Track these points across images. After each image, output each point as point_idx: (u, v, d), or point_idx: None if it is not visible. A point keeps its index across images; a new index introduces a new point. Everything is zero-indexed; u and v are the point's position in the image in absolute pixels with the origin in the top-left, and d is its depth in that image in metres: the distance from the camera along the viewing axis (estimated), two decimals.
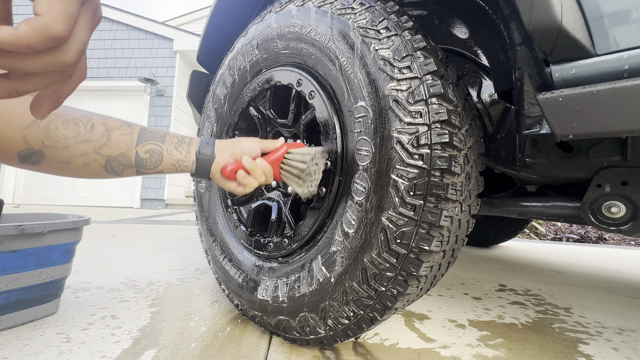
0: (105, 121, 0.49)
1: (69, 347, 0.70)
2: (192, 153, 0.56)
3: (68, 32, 0.21)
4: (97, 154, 0.48)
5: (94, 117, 0.49)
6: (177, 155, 0.54)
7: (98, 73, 5.82)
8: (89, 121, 0.47)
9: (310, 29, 0.72)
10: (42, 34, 0.20)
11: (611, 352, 0.79)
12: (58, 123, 0.45)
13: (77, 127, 0.46)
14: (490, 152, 0.71)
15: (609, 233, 2.26)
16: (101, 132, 0.48)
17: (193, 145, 0.57)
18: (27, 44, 0.20)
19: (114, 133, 0.49)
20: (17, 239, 0.74)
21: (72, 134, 0.46)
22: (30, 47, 0.20)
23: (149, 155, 0.52)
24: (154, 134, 0.53)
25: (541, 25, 0.46)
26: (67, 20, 0.21)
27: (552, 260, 2.06)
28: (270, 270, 0.78)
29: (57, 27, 0.20)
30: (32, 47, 0.20)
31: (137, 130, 0.52)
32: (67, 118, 0.46)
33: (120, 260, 1.51)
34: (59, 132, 0.45)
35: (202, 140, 0.58)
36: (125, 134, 0.50)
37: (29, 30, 0.19)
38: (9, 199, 5.73)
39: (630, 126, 0.42)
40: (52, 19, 0.20)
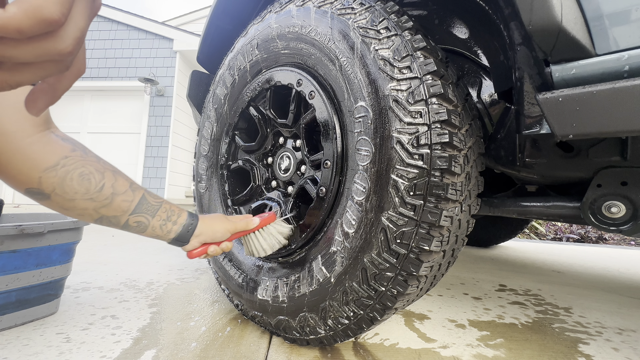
0: (114, 183, 0.53)
1: (69, 347, 0.70)
2: (172, 233, 0.60)
3: (63, 16, 0.19)
4: (95, 211, 0.52)
5: (106, 175, 0.52)
6: (158, 232, 0.59)
7: (98, 73, 5.82)
8: (100, 180, 0.51)
9: (310, 29, 0.72)
10: (33, 16, 0.18)
11: (611, 352, 0.79)
12: (74, 175, 0.48)
13: (89, 184, 0.50)
14: (490, 152, 0.71)
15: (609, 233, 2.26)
16: (107, 194, 0.52)
17: (176, 226, 0.61)
18: (17, 27, 0.18)
19: (118, 198, 0.53)
20: (17, 239, 0.74)
21: (82, 190, 0.49)
22: (20, 31, 0.18)
23: (136, 225, 0.56)
24: (149, 206, 0.57)
25: (541, 25, 0.46)
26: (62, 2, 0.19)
27: (552, 260, 2.06)
28: (270, 270, 0.78)
29: (50, 9, 0.18)
30: (22, 31, 0.18)
31: (137, 198, 0.55)
32: (83, 172, 0.49)
33: (120, 260, 1.51)
34: (72, 186, 0.48)
35: (186, 224, 0.61)
36: (126, 201, 0.54)
37: (19, 12, 0.18)
38: (9, 199, 5.73)
39: (630, 126, 0.42)
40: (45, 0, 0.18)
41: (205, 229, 0.64)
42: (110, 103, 5.89)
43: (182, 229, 0.61)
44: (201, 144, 1.02)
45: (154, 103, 5.73)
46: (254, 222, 0.69)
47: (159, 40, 5.85)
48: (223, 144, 0.94)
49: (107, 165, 0.53)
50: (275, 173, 0.88)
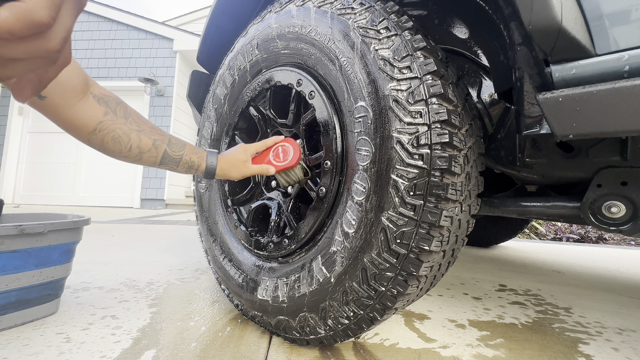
0: (139, 143, 0.64)
1: (69, 347, 0.70)
2: (199, 172, 0.74)
3: (52, 19, 0.20)
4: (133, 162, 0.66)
5: (132, 137, 0.63)
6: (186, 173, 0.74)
7: (98, 73, 5.82)
8: (128, 142, 0.62)
9: (310, 29, 0.72)
10: (24, 20, 0.19)
11: (611, 352, 0.79)
12: (109, 139, 0.61)
13: (120, 146, 0.62)
14: (490, 152, 0.71)
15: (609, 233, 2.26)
16: (136, 153, 0.64)
17: (199, 171, 0.74)
18: (8, 30, 0.19)
19: (144, 155, 0.65)
20: (17, 239, 0.74)
21: (117, 150, 0.62)
22: (12, 33, 0.19)
23: (167, 169, 0.71)
24: (171, 159, 0.69)
25: (541, 25, 0.46)
26: (51, 6, 0.20)
27: (552, 260, 2.06)
28: (270, 270, 0.78)
29: (40, 14, 0.20)
30: (14, 33, 0.19)
31: (161, 153, 0.67)
32: (114, 136, 0.61)
33: (120, 260, 1.51)
34: (109, 147, 0.61)
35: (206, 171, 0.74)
36: (152, 157, 0.66)
37: (10, 16, 0.19)
38: (9, 199, 5.73)
39: (630, 126, 0.42)
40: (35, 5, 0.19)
41: (221, 172, 0.76)
42: None
43: (204, 173, 0.74)
44: (201, 144, 1.02)
45: (154, 103, 5.73)
46: (269, 172, 0.76)
47: (159, 40, 5.86)
48: (223, 144, 0.94)
49: (133, 125, 0.63)
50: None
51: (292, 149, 0.75)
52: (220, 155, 0.76)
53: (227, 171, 0.75)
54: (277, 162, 0.75)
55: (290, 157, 0.74)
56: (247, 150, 0.77)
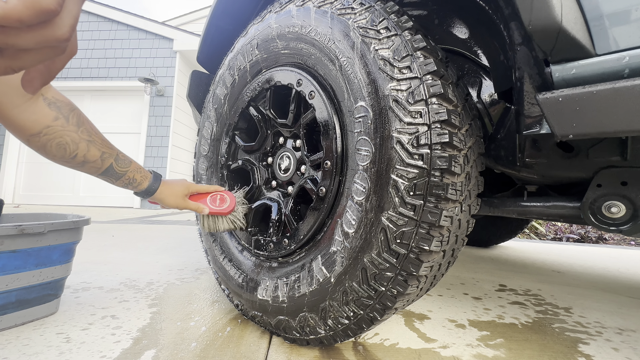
0: (86, 153, 0.63)
1: (69, 347, 0.70)
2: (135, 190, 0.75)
3: (59, 6, 0.21)
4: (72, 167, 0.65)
5: (80, 146, 0.61)
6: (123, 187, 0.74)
7: (98, 73, 5.82)
8: (74, 150, 0.61)
9: (310, 29, 0.72)
10: (32, 7, 0.19)
11: (611, 352, 0.79)
12: (53, 144, 0.59)
13: (64, 152, 0.60)
14: (490, 152, 0.71)
15: (609, 233, 2.26)
16: (79, 161, 0.63)
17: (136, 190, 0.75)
18: (17, 17, 0.19)
19: (87, 165, 0.64)
20: (17, 239, 0.74)
21: (59, 155, 0.60)
22: (21, 21, 0.19)
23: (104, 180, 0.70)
24: (114, 173, 0.69)
25: (541, 25, 0.46)
26: None
27: (552, 260, 2.06)
28: (270, 270, 0.78)
29: (47, 1, 0.20)
30: (23, 21, 0.20)
31: (105, 166, 0.67)
32: (60, 142, 0.59)
33: (120, 260, 1.51)
34: (51, 151, 0.59)
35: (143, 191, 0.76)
36: (94, 167, 0.66)
37: (19, 3, 0.19)
38: (9, 199, 5.73)
39: (630, 126, 0.42)
40: None
41: (158, 196, 0.78)
42: (111, 103, 5.89)
43: (140, 192, 0.76)
44: (201, 144, 1.02)
45: (154, 103, 5.73)
46: (203, 211, 0.81)
47: (159, 40, 5.85)
48: (223, 144, 0.94)
49: (84, 135, 0.62)
50: (275, 173, 0.88)
51: (229, 200, 0.83)
52: (164, 181, 0.79)
53: (165, 197, 0.78)
54: (213, 206, 0.82)
55: (225, 206, 0.82)
56: (189, 187, 0.82)
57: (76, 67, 5.83)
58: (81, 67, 5.84)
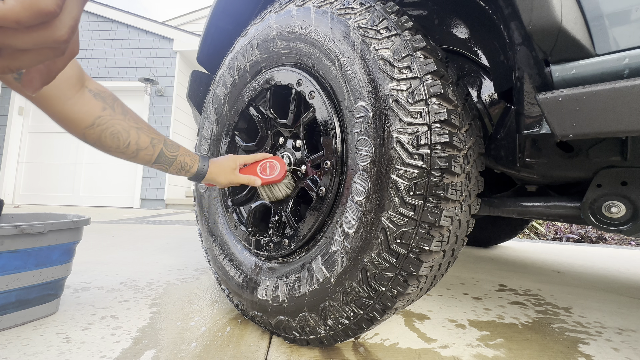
0: (138, 140, 0.64)
1: (69, 347, 0.70)
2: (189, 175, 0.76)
3: (58, 7, 0.20)
4: (127, 159, 0.66)
5: (131, 133, 0.63)
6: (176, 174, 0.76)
7: (98, 73, 5.82)
8: (127, 138, 0.62)
9: (310, 29, 0.72)
10: (30, 8, 0.19)
11: (611, 352, 0.79)
12: (107, 134, 0.60)
13: (118, 142, 0.62)
14: (490, 152, 0.71)
15: (609, 233, 2.26)
16: (133, 150, 0.64)
17: (189, 174, 0.75)
18: (15, 18, 0.19)
19: (141, 153, 0.65)
20: (17, 239, 0.74)
21: (114, 146, 0.62)
22: (18, 22, 0.19)
23: (158, 169, 0.71)
24: (166, 159, 0.70)
25: (541, 25, 0.46)
26: None
27: (552, 260, 2.06)
28: (270, 270, 0.78)
29: (46, 2, 0.20)
30: (20, 22, 0.19)
31: (157, 152, 0.68)
32: (113, 131, 0.61)
33: (120, 260, 1.51)
34: (107, 142, 0.61)
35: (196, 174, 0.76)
36: (148, 155, 0.67)
37: (17, 4, 0.19)
38: (9, 199, 5.73)
39: (630, 126, 0.42)
40: None
41: (210, 176, 0.78)
42: None
43: (193, 176, 0.76)
44: (201, 144, 1.02)
45: (154, 103, 5.73)
46: (255, 183, 0.80)
47: (159, 40, 5.86)
48: (223, 144, 0.94)
49: (132, 123, 0.64)
50: None
51: (279, 166, 0.79)
52: (211, 160, 0.79)
53: (216, 176, 0.78)
54: (264, 175, 0.79)
55: (276, 173, 0.79)
56: (237, 160, 0.81)
57: None
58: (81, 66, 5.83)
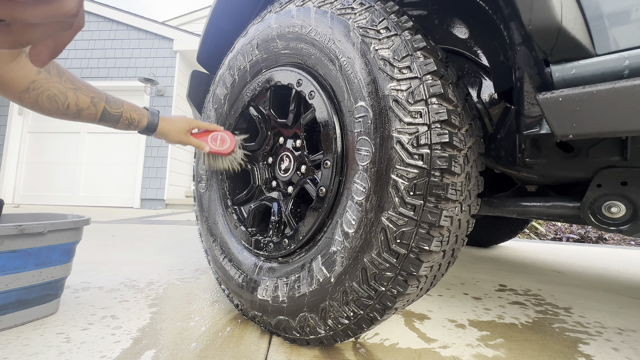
0: (77, 101, 0.64)
1: (69, 347, 0.70)
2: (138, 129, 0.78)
3: None
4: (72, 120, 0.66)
5: (69, 95, 0.62)
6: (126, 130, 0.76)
7: (98, 73, 5.82)
8: (65, 100, 0.62)
9: (310, 29, 0.72)
10: None
11: (611, 352, 0.79)
12: (44, 97, 0.59)
13: (57, 104, 0.61)
14: (490, 152, 0.71)
15: (609, 233, 2.26)
16: (74, 111, 0.64)
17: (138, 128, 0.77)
18: None
19: (83, 113, 0.65)
20: (17, 239, 0.74)
21: (53, 109, 0.61)
22: None
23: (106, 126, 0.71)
24: (111, 116, 0.70)
25: (541, 25, 0.46)
26: None
27: (552, 260, 2.06)
28: (270, 270, 0.78)
29: None
30: None
31: (100, 110, 0.68)
32: (49, 94, 0.60)
33: (120, 260, 1.51)
34: (44, 105, 0.60)
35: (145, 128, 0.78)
36: (91, 114, 0.67)
37: None
38: (9, 199, 5.73)
39: (630, 126, 0.42)
40: None
41: (161, 131, 0.80)
42: None
43: (143, 129, 0.78)
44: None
45: (154, 103, 5.73)
46: (204, 149, 0.84)
47: (159, 40, 5.86)
48: None
49: (68, 84, 0.64)
50: (275, 173, 0.88)
51: (229, 140, 0.85)
52: (162, 116, 0.81)
53: (167, 132, 0.80)
54: (214, 145, 0.84)
55: (226, 146, 0.84)
56: (190, 123, 0.84)
57: (76, 67, 5.83)
58: (81, 67, 5.84)
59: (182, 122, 0.83)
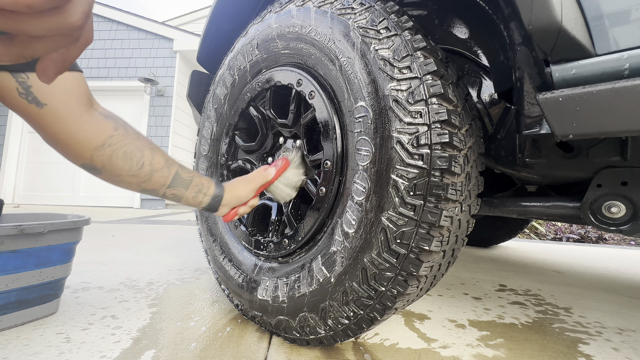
0: (152, 160, 0.59)
1: (69, 347, 0.70)
2: (204, 203, 0.68)
3: None
4: (138, 185, 0.59)
5: (145, 154, 0.58)
6: (191, 202, 0.67)
7: (98, 73, 5.82)
8: (140, 159, 0.57)
9: (310, 29, 0.72)
10: None
11: (611, 352, 0.79)
12: (119, 154, 0.54)
13: (131, 162, 0.56)
14: (490, 152, 0.71)
15: (609, 233, 2.26)
16: (147, 171, 0.58)
17: (207, 197, 0.68)
18: (26, 3, 0.19)
19: (156, 174, 0.59)
20: (17, 239, 0.74)
21: (126, 168, 0.56)
22: (30, 6, 0.19)
23: (173, 196, 0.64)
24: (182, 181, 0.63)
25: (541, 25, 0.46)
26: None
27: (552, 260, 2.06)
28: (270, 270, 0.78)
29: None
30: (32, 6, 0.19)
31: (172, 173, 0.62)
32: (126, 151, 0.55)
33: (120, 260, 1.51)
34: (118, 164, 0.55)
35: (214, 195, 0.69)
36: (163, 177, 0.61)
37: None
38: (9, 199, 5.73)
39: (630, 126, 0.42)
40: None
41: (231, 198, 0.72)
42: (110, 103, 5.89)
43: (211, 199, 0.68)
44: (201, 144, 1.02)
45: (154, 103, 5.73)
46: (270, 174, 0.75)
47: (159, 40, 5.86)
48: (223, 144, 0.94)
49: (145, 143, 0.59)
50: None
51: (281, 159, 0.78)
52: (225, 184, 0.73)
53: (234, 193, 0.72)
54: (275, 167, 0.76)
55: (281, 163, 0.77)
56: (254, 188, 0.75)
57: None
58: (81, 67, 5.83)
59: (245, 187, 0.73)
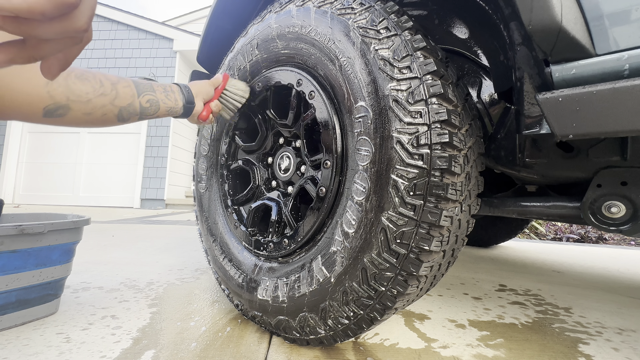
0: (106, 76, 0.56)
1: (69, 347, 0.70)
2: (179, 101, 0.67)
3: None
4: (112, 105, 0.55)
5: (95, 74, 0.54)
6: (169, 104, 0.64)
7: None
8: (95, 76, 0.53)
9: (310, 29, 0.72)
10: (54, 1, 0.21)
11: (611, 352, 0.79)
12: (73, 78, 0.51)
13: (89, 83, 0.52)
14: (490, 152, 0.71)
15: (609, 233, 2.26)
16: (109, 86, 0.55)
17: (177, 94, 0.67)
18: (41, 11, 0.21)
19: (119, 86, 0.56)
20: (17, 239, 0.74)
21: (90, 89, 0.52)
22: (44, 14, 0.21)
23: (149, 105, 0.60)
24: (145, 86, 0.61)
25: (541, 25, 0.46)
26: None
27: (552, 260, 2.06)
28: (270, 270, 0.78)
29: None
30: (45, 14, 0.21)
31: (130, 81, 0.59)
32: (77, 74, 0.52)
33: (120, 260, 1.51)
34: (78, 88, 0.51)
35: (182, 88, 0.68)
36: (127, 87, 0.57)
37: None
38: (9, 199, 5.73)
39: (630, 126, 0.42)
40: None
41: (196, 90, 0.71)
42: None
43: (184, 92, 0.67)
44: (201, 144, 1.02)
45: None
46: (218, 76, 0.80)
47: (159, 40, 5.86)
48: (223, 144, 0.94)
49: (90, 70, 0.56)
50: (275, 173, 0.88)
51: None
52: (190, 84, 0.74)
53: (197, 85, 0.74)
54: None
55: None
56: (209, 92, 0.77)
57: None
58: (81, 67, 5.83)
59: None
